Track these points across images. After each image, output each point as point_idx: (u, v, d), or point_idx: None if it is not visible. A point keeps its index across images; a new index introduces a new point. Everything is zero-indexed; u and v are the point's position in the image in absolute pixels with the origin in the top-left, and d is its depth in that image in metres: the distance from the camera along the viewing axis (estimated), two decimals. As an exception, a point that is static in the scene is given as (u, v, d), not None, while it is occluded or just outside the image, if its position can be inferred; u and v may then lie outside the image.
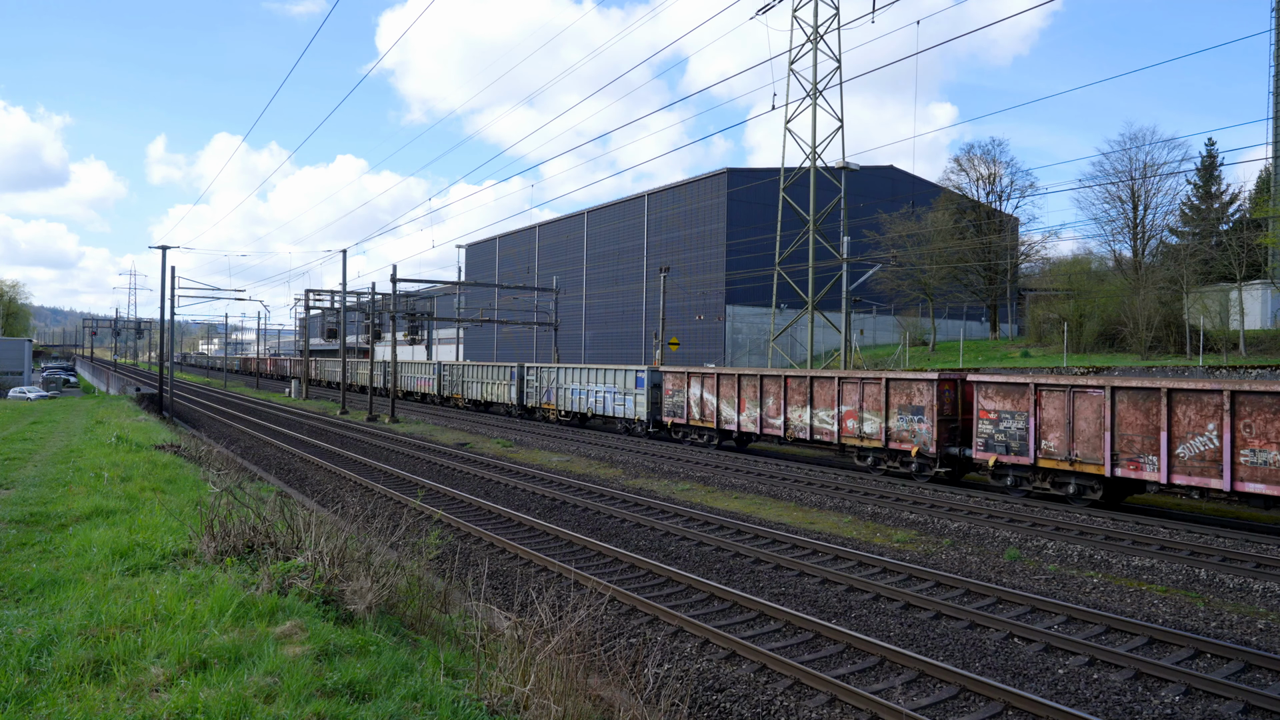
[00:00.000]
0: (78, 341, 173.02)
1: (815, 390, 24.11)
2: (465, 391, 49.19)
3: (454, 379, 51.18)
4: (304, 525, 8.91)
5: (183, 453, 21.03)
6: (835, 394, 23.32)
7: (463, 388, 49.62)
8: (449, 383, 51.89)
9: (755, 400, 26.34)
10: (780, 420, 25.41)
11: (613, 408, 34.27)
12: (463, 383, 49.67)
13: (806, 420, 24.40)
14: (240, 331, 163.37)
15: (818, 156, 41.45)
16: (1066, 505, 17.99)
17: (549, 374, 40.00)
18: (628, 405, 33.28)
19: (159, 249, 44.85)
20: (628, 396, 33.17)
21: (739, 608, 11.20)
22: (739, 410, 27.05)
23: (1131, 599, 12.03)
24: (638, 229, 67.13)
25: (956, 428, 20.97)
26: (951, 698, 8.33)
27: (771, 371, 26.03)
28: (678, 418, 30.24)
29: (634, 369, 33.23)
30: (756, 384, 26.38)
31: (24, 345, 62.13)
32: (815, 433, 24.13)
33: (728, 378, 27.64)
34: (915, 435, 21.18)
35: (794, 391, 24.94)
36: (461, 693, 6.04)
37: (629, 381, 33.23)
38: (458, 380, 50.51)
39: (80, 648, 6.00)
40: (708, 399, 28.55)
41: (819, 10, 41.00)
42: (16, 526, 10.50)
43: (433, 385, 54.03)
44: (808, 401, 24.27)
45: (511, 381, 43.11)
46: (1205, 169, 57.20)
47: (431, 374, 54.49)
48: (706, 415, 28.70)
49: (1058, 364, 39.41)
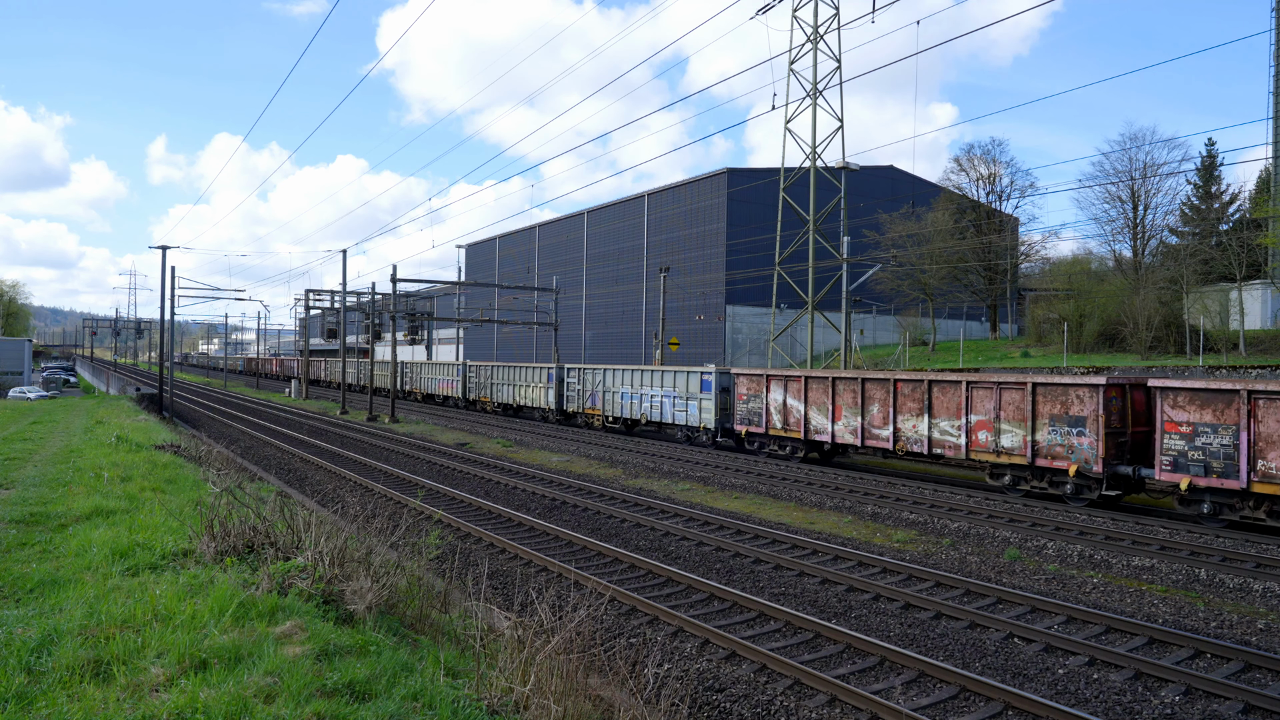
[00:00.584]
0: (78, 341, 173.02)
1: (935, 396, 21.06)
2: (495, 395, 46.02)
3: (481, 381, 48.14)
4: (304, 525, 8.91)
5: (183, 453, 21.03)
6: (962, 401, 20.24)
7: (491, 390, 46.60)
8: (476, 385, 48.86)
9: (855, 407, 23.15)
10: (888, 431, 22.19)
11: (671, 414, 31.26)
12: (491, 385, 46.62)
13: (923, 431, 21.23)
14: (240, 331, 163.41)
15: (818, 156, 41.46)
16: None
17: (593, 376, 36.91)
18: (690, 411, 30.30)
19: (159, 249, 44.87)
20: (690, 402, 30.22)
21: (739, 608, 11.20)
22: (833, 418, 23.79)
23: (1131, 599, 12.03)
24: (638, 229, 67.13)
25: (1125, 442, 17.98)
26: (951, 698, 8.33)
27: (877, 374, 23.05)
28: (753, 426, 26.87)
29: (699, 371, 30.17)
30: (856, 388, 23.26)
31: (24, 345, 62.13)
32: (935, 445, 21.00)
33: (820, 381, 24.51)
34: (1073, 451, 18.11)
35: (906, 398, 21.86)
36: (461, 693, 6.04)
37: (692, 385, 30.25)
38: (485, 382, 47.58)
39: (80, 648, 6.01)
40: (793, 405, 25.25)
41: (819, 10, 41.01)
42: (16, 526, 10.50)
43: (457, 388, 50.73)
44: (924, 409, 21.20)
45: (549, 384, 40.24)
46: (1205, 169, 57.19)
47: (456, 375, 51.21)
48: (791, 424, 25.33)
49: (1058, 364, 39.41)
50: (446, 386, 52.27)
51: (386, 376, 59.05)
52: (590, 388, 36.91)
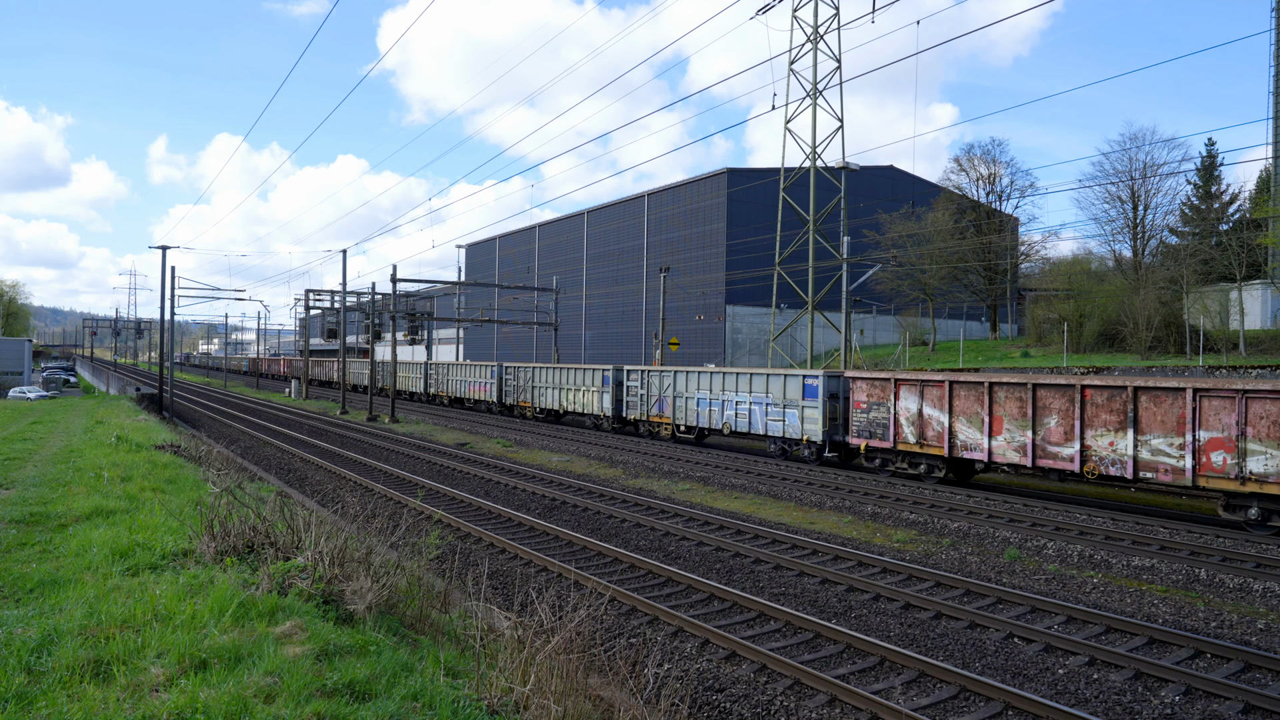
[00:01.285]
0: (78, 341, 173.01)
1: (1143, 407, 17.16)
2: (537, 399, 41.47)
3: (521, 384, 43.71)
4: (304, 525, 8.91)
5: (183, 453, 21.03)
6: (1186, 413, 16.43)
7: (533, 394, 41.99)
8: (514, 388, 44.45)
9: (1022, 419, 19.15)
10: (1071, 449, 18.27)
11: (763, 423, 27.07)
12: (533, 388, 41.99)
13: (1125, 450, 17.37)
14: (240, 331, 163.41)
15: (818, 156, 41.45)
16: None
17: (661, 380, 32.53)
18: (789, 421, 26.09)
19: (159, 249, 44.89)
20: (789, 410, 26.06)
21: (739, 608, 11.20)
22: (990, 432, 19.78)
23: (1131, 599, 12.03)
24: (638, 229, 67.14)
25: None
26: (951, 698, 8.33)
27: (1055, 379, 18.98)
28: (877, 439, 22.78)
29: (800, 374, 26.31)
30: (1025, 395, 19.13)
31: (24, 345, 62.11)
32: (1143, 469, 17.11)
33: (971, 388, 20.35)
34: None
35: (1099, 408, 17.88)
36: (461, 693, 6.04)
37: (792, 390, 26.10)
38: (525, 385, 43.11)
39: (80, 648, 6.01)
40: (932, 415, 21.22)
41: (819, 10, 41.03)
42: (16, 526, 10.50)
43: (491, 391, 46.34)
44: (1126, 423, 17.33)
45: (604, 388, 36.09)
46: (1205, 169, 57.20)
47: (490, 378, 46.78)
48: (928, 438, 21.35)
49: (1058, 364, 39.42)
50: (479, 390, 48.16)
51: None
52: (657, 392, 32.73)
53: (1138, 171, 50.89)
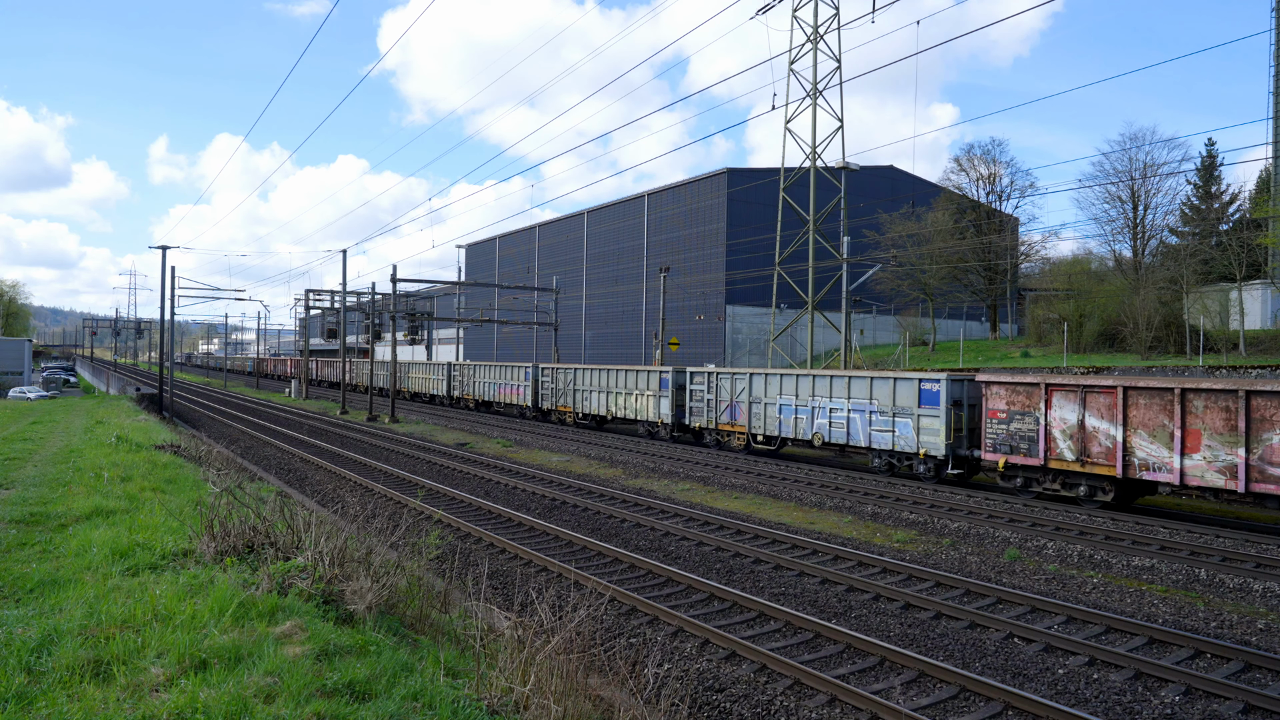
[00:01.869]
0: (78, 341, 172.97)
1: None
2: (580, 404, 37.85)
3: (561, 387, 39.86)
4: (304, 525, 8.91)
5: (183, 453, 21.04)
6: None
7: (574, 398, 38.31)
8: (552, 392, 40.57)
9: (1228, 434, 15.87)
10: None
11: (866, 434, 23.55)
12: (574, 392, 38.27)
13: None
14: (240, 331, 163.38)
15: (818, 156, 41.46)
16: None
17: (734, 383, 28.81)
18: (900, 432, 22.56)
19: (159, 249, 44.90)
20: (901, 419, 22.53)
21: (739, 608, 11.20)
22: (1181, 449, 16.58)
23: (1131, 599, 12.03)
24: (638, 229, 67.13)
25: None
26: (951, 698, 8.33)
27: (1271, 385, 15.76)
28: (1020, 455, 19.42)
29: (916, 377, 22.68)
30: (1234, 405, 15.84)
31: (24, 345, 62.11)
32: None
33: (1154, 394, 17.20)
34: None
35: None
36: (461, 693, 6.04)
37: (904, 396, 22.54)
38: (565, 389, 39.37)
39: (80, 648, 6.01)
40: (1098, 428, 17.95)
41: (819, 10, 41.02)
42: (16, 526, 10.50)
43: (525, 394, 42.64)
44: None
45: (662, 392, 32.36)
46: (1205, 169, 57.22)
47: (524, 379, 42.96)
48: (1092, 454, 18.06)
49: (1058, 364, 39.43)
50: (510, 393, 44.33)
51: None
52: (729, 397, 28.92)
53: (1138, 171, 50.95)
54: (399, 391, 58.53)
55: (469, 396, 49.02)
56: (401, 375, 58.42)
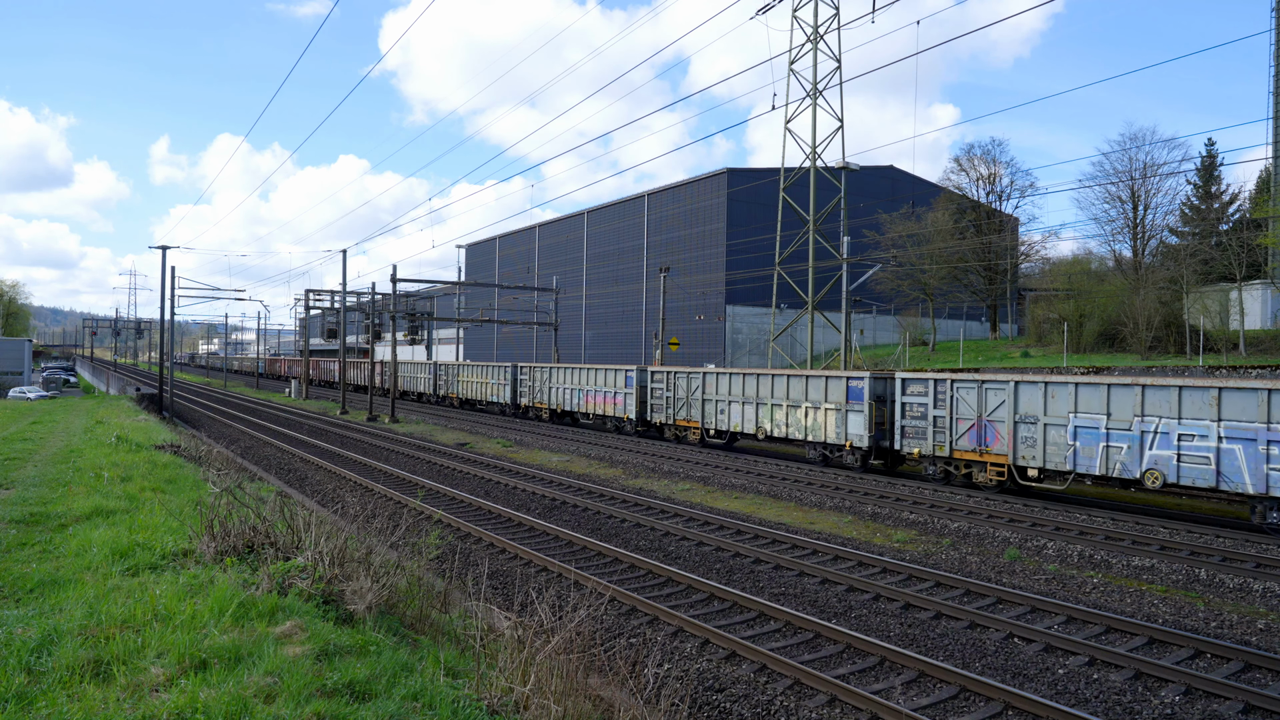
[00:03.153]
0: (78, 341, 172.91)
1: None
2: (711, 418, 29.42)
3: (682, 396, 30.88)
4: (304, 525, 8.91)
5: (183, 453, 21.04)
6: None
7: (702, 410, 29.73)
8: (667, 401, 31.61)
9: None
10: None
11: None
12: (702, 402, 29.73)
13: None
14: (240, 331, 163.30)
15: (818, 156, 41.46)
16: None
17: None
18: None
19: (159, 249, 44.90)
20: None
21: (739, 608, 11.20)
22: None
23: (1131, 599, 12.03)
24: (638, 229, 67.13)
25: None
26: (951, 698, 8.33)
27: None
28: None
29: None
30: None
31: (24, 345, 62.09)
32: None
33: None
34: None
35: None
36: (461, 693, 6.04)
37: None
38: (688, 398, 30.50)
39: (80, 648, 6.01)
40: None
41: (819, 10, 41.02)
42: (16, 526, 10.50)
43: (625, 404, 34.21)
44: None
45: (848, 404, 23.71)
46: (1205, 169, 57.20)
47: (625, 385, 34.47)
48: None
49: (1058, 364, 39.41)
50: (604, 401, 35.82)
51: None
52: (983, 411, 19.97)
53: (1138, 171, 50.95)
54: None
55: (542, 405, 42.60)
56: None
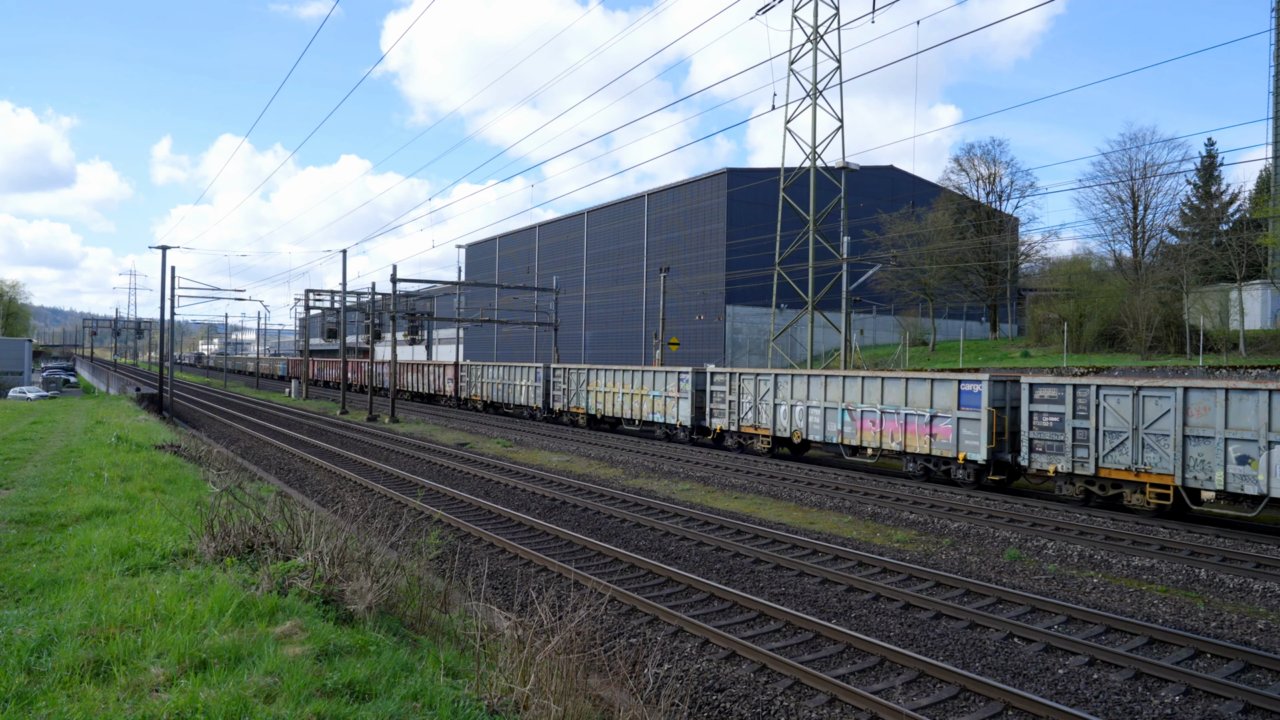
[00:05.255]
0: (78, 341, 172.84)
1: None
2: (780, 423, 25.96)
3: (750, 400, 27.25)
4: (304, 525, 8.91)
5: (183, 453, 21.03)
6: None
7: (774, 417, 26.15)
8: (731, 406, 28.04)
9: None
10: None
11: None
12: (773, 407, 26.15)
13: None
14: (240, 331, 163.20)
15: (818, 156, 41.46)
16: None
17: (1151, 404, 16.37)
18: None
19: (159, 249, 44.88)
20: None
21: (739, 608, 11.20)
22: None
23: (1131, 599, 12.03)
24: (638, 229, 67.12)
25: None
26: (951, 698, 8.33)
27: None
28: None
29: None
30: None
31: (24, 345, 62.07)
32: None
33: None
34: None
35: None
36: (461, 693, 6.04)
37: None
38: (755, 403, 27.02)
39: (80, 648, 6.01)
40: None
41: (819, 10, 41.01)
42: (16, 526, 10.50)
43: (677, 410, 31.22)
44: None
45: (965, 413, 20.29)
46: (1205, 169, 57.17)
47: (674, 388, 31.42)
48: None
49: (1058, 364, 39.41)
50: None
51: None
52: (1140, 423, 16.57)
53: (1138, 171, 50.91)
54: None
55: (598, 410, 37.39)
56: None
